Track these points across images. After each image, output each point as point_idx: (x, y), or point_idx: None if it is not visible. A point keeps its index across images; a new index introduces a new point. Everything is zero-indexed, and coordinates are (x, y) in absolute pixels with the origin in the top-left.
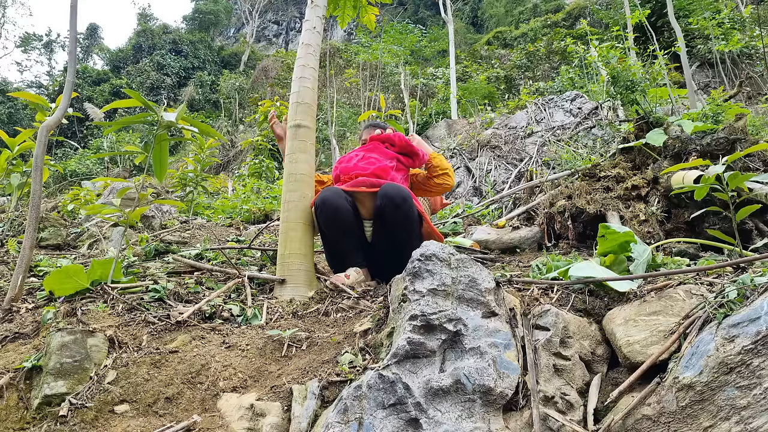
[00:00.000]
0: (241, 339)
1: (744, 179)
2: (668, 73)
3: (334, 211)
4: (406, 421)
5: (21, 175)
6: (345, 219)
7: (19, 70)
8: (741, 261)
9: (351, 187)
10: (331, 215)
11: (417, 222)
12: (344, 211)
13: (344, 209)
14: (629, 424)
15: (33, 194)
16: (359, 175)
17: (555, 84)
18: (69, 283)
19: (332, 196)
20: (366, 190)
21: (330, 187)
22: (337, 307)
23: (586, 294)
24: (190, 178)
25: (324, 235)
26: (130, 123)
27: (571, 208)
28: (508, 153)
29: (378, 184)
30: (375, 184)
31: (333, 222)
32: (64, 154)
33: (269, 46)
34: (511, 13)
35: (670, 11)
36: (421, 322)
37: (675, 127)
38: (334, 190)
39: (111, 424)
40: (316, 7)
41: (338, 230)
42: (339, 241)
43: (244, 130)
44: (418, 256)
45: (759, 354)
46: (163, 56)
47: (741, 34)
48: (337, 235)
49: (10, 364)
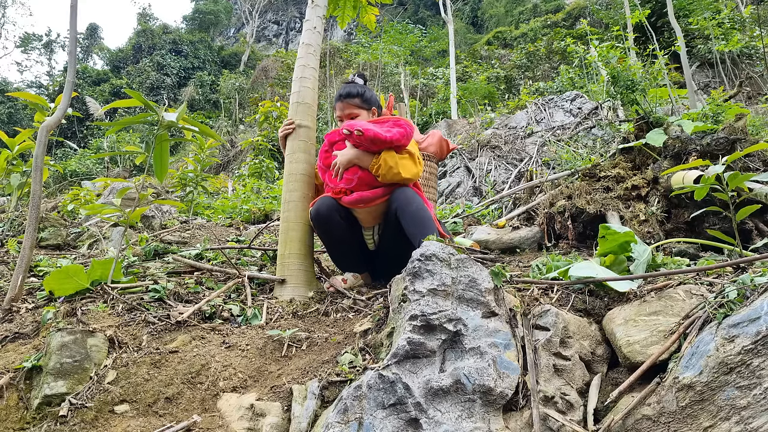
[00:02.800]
0: (241, 339)
1: (744, 179)
2: (668, 73)
3: (326, 224)
4: (406, 421)
5: (21, 175)
6: (338, 232)
7: (19, 70)
8: (741, 261)
9: (348, 204)
10: (323, 228)
11: (431, 222)
12: (336, 225)
13: (336, 222)
14: (629, 424)
15: (33, 194)
16: (344, 190)
17: (555, 84)
18: (69, 283)
19: (324, 210)
20: (364, 207)
21: (324, 198)
22: (337, 307)
23: (586, 294)
24: (190, 178)
25: (322, 239)
26: (130, 123)
27: (571, 208)
28: (508, 153)
29: (373, 198)
30: (370, 199)
31: (326, 234)
32: (64, 154)
33: (269, 46)
34: (511, 13)
35: (670, 11)
36: (421, 322)
37: (675, 127)
38: (328, 203)
39: (111, 424)
40: (316, 7)
41: (332, 240)
42: (335, 249)
43: (244, 130)
44: (418, 256)
45: (759, 354)
46: (163, 56)
47: (741, 34)
48: (332, 244)
49: (10, 364)
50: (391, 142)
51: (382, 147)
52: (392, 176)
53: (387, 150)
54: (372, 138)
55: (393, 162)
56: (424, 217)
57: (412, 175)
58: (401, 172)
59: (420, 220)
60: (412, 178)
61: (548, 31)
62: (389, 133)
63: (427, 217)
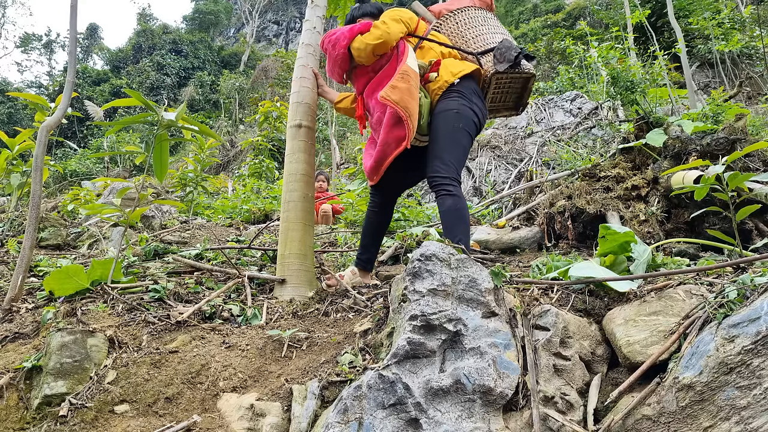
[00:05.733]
0: (241, 339)
1: (744, 179)
2: (668, 73)
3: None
4: (406, 421)
5: (21, 175)
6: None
7: (19, 70)
8: (741, 261)
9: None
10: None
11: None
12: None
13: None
14: (629, 424)
15: (33, 194)
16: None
17: (555, 84)
18: (69, 283)
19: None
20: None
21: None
22: (337, 307)
23: (586, 294)
24: (190, 178)
25: None
26: (130, 123)
27: (571, 208)
28: (508, 153)
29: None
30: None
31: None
32: (64, 154)
33: (269, 46)
34: (511, 13)
35: (670, 11)
36: (421, 322)
37: (675, 128)
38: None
39: (111, 424)
40: (316, 7)
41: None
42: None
43: (244, 130)
44: (418, 256)
45: (759, 354)
46: (163, 56)
47: (741, 34)
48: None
49: (10, 364)
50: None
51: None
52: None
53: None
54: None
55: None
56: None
57: (362, 45)
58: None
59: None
60: (364, 45)
61: (548, 31)
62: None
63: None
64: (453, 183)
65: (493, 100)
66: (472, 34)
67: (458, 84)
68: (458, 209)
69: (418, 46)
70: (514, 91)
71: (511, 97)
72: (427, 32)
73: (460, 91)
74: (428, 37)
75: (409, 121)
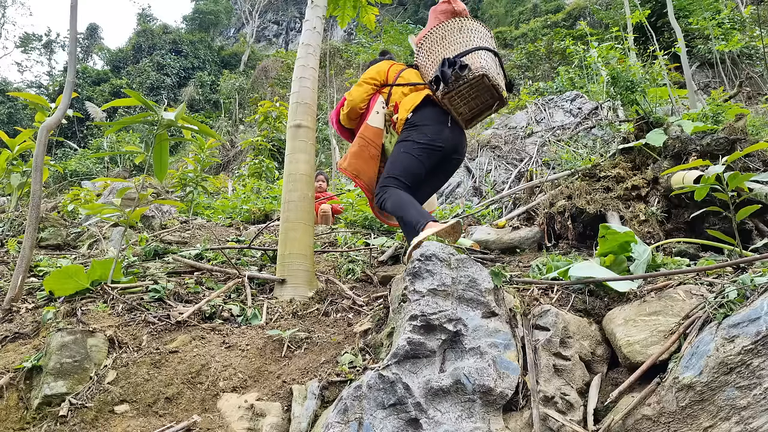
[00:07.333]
0: (241, 339)
1: (744, 179)
2: (668, 73)
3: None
4: (406, 421)
5: (21, 175)
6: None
7: (19, 70)
8: (741, 261)
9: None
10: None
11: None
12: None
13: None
14: (629, 424)
15: (33, 194)
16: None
17: (555, 84)
18: (69, 283)
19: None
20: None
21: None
22: (337, 307)
23: (586, 294)
24: (190, 178)
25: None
26: (130, 123)
27: (571, 208)
28: (508, 153)
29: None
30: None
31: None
32: (64, 154)
33: (269, 46)
34: (511, 13)
35: (670, 11)
36: (421, 322)
37: (675, 128)
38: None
39: (111, 424)
40: (316, 7)
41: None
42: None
43: (244, 130)
44: (418, 256)
45: (759, 354)
46: (163, 56)
47: (741, 34)
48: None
49: (10, 364)
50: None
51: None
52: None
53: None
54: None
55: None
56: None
57: (342, 118)
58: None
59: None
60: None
61: (548, 31)
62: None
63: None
64: (384, 187)
65: (470, 108)
66: (431, 61)
67: (412, 117)
68: (394, 202)
69: (390, 93)
70: (481, 92)
71: (483, 97)
72: (396, 77)
73: (413, 123)
74: (396, 83)
75: (359, 179)
